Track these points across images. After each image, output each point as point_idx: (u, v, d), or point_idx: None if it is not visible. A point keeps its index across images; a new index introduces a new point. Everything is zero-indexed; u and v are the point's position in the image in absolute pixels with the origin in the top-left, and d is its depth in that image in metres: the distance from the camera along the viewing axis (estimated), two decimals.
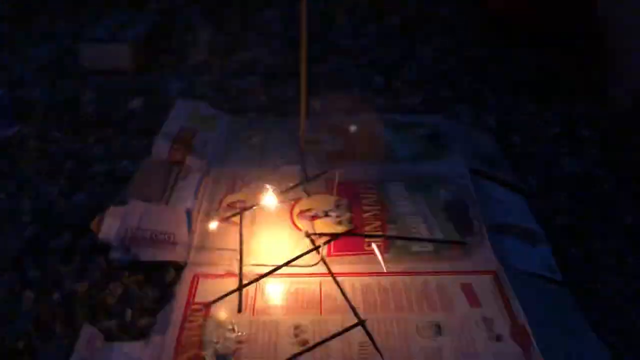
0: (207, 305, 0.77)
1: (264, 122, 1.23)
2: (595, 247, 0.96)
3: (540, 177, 1.13)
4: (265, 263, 0.84)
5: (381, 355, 0.70)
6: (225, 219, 0.91)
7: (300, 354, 0.69)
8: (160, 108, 1.28)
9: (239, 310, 0.75)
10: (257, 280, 0.79)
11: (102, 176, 1.08)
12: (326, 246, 0.85)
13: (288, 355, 0.71)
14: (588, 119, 1.32)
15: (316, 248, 0.83)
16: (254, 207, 0.92)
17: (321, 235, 0.87)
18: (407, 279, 0.84)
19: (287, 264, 0.81)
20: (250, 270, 0.83)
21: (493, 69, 1.56)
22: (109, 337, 0.77)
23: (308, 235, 0.86)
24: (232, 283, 0.82)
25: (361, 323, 0.71)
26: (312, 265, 0.83)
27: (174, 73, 1.49)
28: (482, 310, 0.79)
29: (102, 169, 1.10)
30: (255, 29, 1.77)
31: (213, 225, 0.90)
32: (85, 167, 1.10)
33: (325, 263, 0.81)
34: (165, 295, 0.83)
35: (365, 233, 0.89)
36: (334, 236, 0.86)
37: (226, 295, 0.77)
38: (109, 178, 1.07)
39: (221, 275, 0.84)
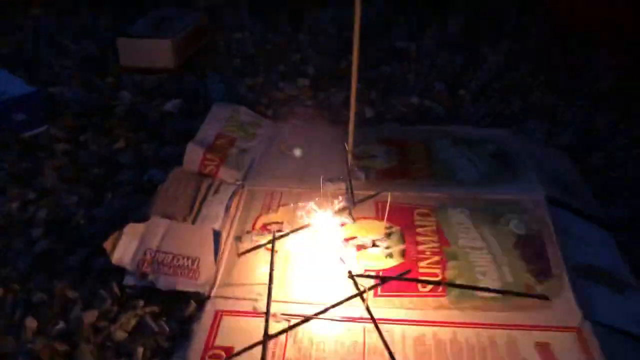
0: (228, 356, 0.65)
1: (308, 131, 1.10)
2: None
3: (627, 206, 0.95)
4: (299, 300, 0.72)
5: None
6: (255, 249, 0.78)
7: None
8: (198, 112, 1.18)
9: None
10: (284, 331, 0.66)
11: (127, 186, 0.97)
12: (372, 290, 0.71)
13: None
14: None
15: (360, 293, 0.69)
16: (289, 233, 0.79)
17: (367, 276, 0.73)
18: (469, 332, 0.69)
19: (322, 312, 0.68)
20: (280, 311, 0.70)
21: (569, 79, 1.39)
22: None
23: (351, 276, 0.72)
24: (259, 324, 0.69)
25: None
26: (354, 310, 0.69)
27: (216, 74, 1.38)
28: None
29: (129, 177, 0.99)
30: (308, 30, 1.65)
31: (241, 255, 0.78)
32: (111, 174, 1.01)
33: (370, 314, 0.68)
34: (183, 331, 0.71)
35: (421, 278, 0.74)
36: (381, 280, 0.72)
37: (248, 349, 0.64)
38: (135, 187, 0.97)
39: (247, 314, 0.71)
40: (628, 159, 1.09)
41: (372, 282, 0.73)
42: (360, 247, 0.80)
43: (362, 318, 0.70)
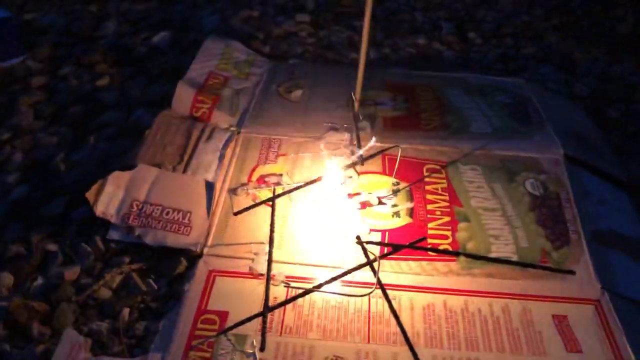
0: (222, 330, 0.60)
1: (309, 71, 1.02)
2: None
3: None
4: (299, 261, 0.66)
5: None
6: (253, 207, 0.72)
7: None
8: (189, 45, 1.09)
9: (262, 348, 0.57)
10: (285, 303, 0.61)
11: (111, 128, 0.89)
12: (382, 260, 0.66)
13: None
14: None
15: (370, 262, 0.63)
16: (291, 191, 0.73)
17: (377, 243, 0.67)
18: (482, 301, 0.64)
19: (326, 283, 0.63)
20: (279, 272, 0.65)
21: (586, 23, 1.30)
22: (97, 344, 0.61)
23: (360, 242, 0.66)
24: (256, 287, 0.64)
25: None
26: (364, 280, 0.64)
27: (209, 4, 1.27)
28: (583, 358, 0.59)
29: (113, 118, 0.91)
30: None
31: (238, 214, 0.71)
32: (94, 114, 0.92)
33: (380, 284, 0.62)
34: (173, 291, 0.66)
35: (439, 249, 0.68)
36: (393, 248, 0.66)
37: (245, 321, 0.58)
38: (119, 130, 0.89)
39: (243, 275, 0.66)
40: None
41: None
42: (364, 205, 0.74)
43: (366, 283, 0.65)
